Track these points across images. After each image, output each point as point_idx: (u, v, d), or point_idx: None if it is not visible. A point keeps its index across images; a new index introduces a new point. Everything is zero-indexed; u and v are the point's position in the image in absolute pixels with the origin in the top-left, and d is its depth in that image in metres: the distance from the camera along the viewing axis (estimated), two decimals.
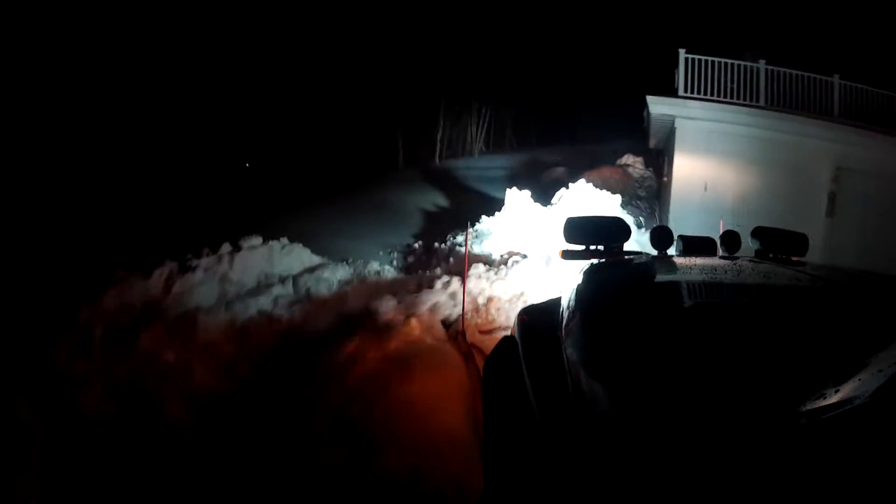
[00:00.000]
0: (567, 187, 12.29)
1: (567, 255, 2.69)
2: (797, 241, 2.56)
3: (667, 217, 12.18)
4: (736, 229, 2.96)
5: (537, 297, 6.31)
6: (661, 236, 2.83)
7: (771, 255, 2.55)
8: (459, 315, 6.61)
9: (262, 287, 6.50)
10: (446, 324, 6.54)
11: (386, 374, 4.94)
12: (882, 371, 1.06)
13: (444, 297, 6.74)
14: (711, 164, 11.96)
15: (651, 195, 17.17)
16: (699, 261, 2.41)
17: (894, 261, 10.27)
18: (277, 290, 6.45)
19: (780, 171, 11.72)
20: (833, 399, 1.00)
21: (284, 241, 7.70)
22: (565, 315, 1.91)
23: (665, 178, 14.26)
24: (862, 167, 11.59)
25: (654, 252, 2.85)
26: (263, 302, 6.10)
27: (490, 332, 6.48)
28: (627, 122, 21.96)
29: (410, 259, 10.43)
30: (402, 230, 12.50)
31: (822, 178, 11.84)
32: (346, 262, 8.52)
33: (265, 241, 7.41)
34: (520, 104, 27.90)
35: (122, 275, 5.98)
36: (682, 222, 11.12)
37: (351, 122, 23.31)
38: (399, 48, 22.99)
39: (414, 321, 5.86)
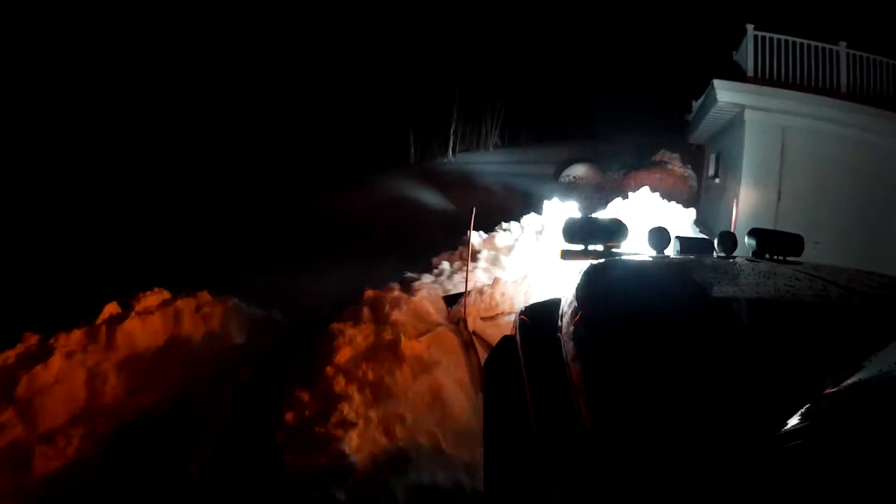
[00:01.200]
0: (626, 196, 10.25)
1: (566, 255, 2.72)
2: (793, 242, 2.69)
3: (732, 229, 10.01)
4: (813, 246, 3.09)
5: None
6: (658, 237, 2.77)
7: (767, 256, 2.67)
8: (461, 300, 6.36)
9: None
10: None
11: None
12: (881, 370, 1.06)
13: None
14: (786, 169, 9.92)
15: (692, 197, 15.28)
16: (697, 261, 2.51)
17: None
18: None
19: (864, 178, 9.69)
20: (832, 398, 1.01)
21: (204, 296, 5.61)
22: (565, 316, 1.89)
23: (717, 180, 12.17)
24: None
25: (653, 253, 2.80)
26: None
27: (493, 318, 6.16)
28: (654, 114, 20.22)
29: None
30: (406, 254, 10.25)
31: None
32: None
33: (175, 295, 5.37)
34: (535, 96, 26.14)
35: None
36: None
37: (360, 115, 21.72)
38: (408, 36, 21.48)
39: None
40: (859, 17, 12.11)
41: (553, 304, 2.14)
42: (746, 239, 2.76)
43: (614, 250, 2.68)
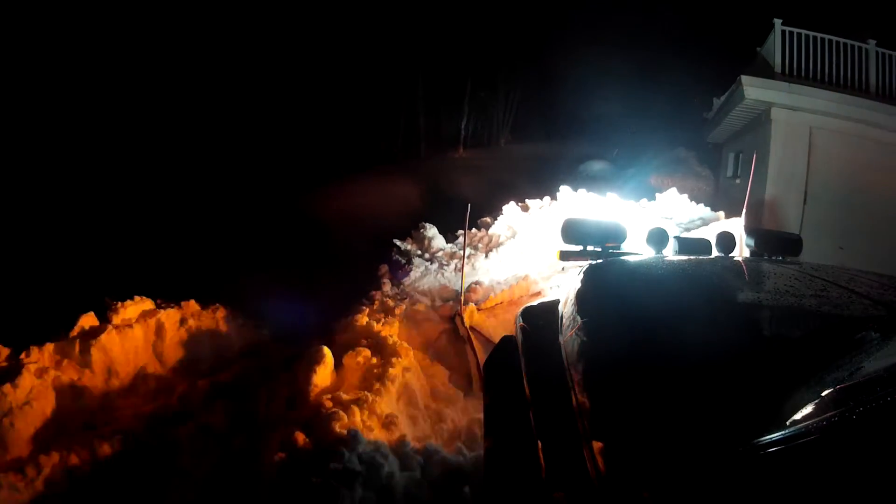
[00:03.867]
0: (653, 198, 10.19)
1: (564, 255, 2.74)
2: (791, 242, 2.75)
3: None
4: (837, 251, 3.52)
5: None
6: (657, 238, 2.78)
7: (765, 256, 2.71)
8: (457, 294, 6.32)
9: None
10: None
11: None
12: (882, 370, 1.04)
13: None
14: (813, 171, 9.66)
15: (709, 196, 14.99)
16: (696, 261, 2.46)
17: None
18: None
19: (894, 182, 9.38)
20: (833, 399, 0.98)
21: (193, 306, 5.36)
22: (564, 316, 1.89)
23: (738, 181, 11.88)
24: None
25: (651, 253, 2.82)
26: None
27: (491, 308, 6.11)
28: (670, 111, 19.78)
29: None
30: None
31: None
32: None
33: (160, 304, 5.14)
34: (548, 90, 25.73)
35: None
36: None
37: (368, 108, 21.15)
38: (420, 28, 20.92)
39: None
40: (888, 14, 11.72)
41: (553, 305, 2.14)
42: (745, 239, 2.85)
43: (613, 251, 2.70)
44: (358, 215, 11.35)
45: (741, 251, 3.20)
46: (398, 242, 7.95)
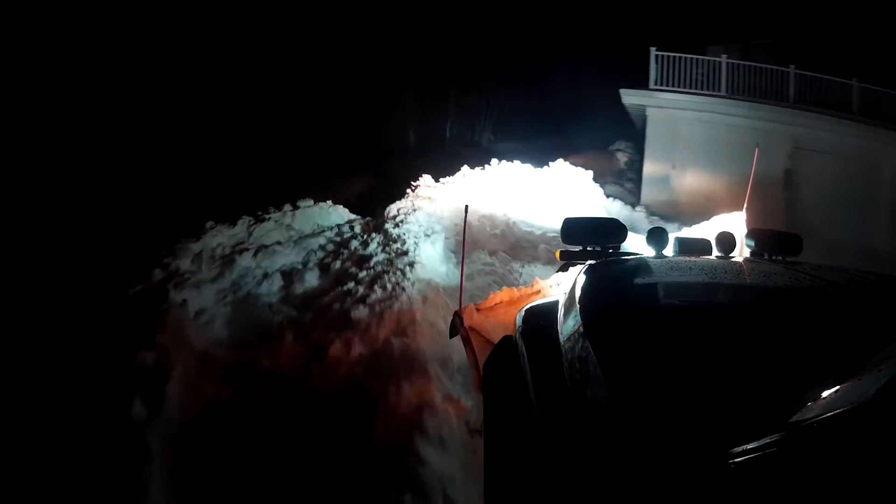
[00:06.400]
0: (548, 165, 13.90)
1: (564, 255, 2.77)
2: (791, 242, 2.63)
3: (639, 195, 14.11)
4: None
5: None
6: (657, 238, 2.80)
7: (765, 256, 2.64)
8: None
9: (315, 233, 8.66)
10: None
11: None
12: (882, 371, 1.04)
13: None
14: (679, 147, 13.70)
15: (638, 177, 18.80)
16: (696, 261, 2.44)
17: (846, 229, 11.98)
18: (327, 234, 8.64)
19: (741, 151, 11.78)
20: (833, 400, 1.01)
21: (329, 203, 9.95)
22: (564, 317, 1.86)
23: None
24: (817, 147, 12.90)
25: (651, 253, 2.82)
26: (319, 241, 8.26)
27: (490, 308, 5.77)
28: (614, 110, 22.60)
29: None
30: None
31: (781, 157, 13.00)
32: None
33: (315, 202, 9.65)
34: (521, 95, 26.90)
35: (212, 225, 8.07)
36: (654, 199, 13.33)
37: (364, 108, 22.47)
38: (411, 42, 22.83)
39: None
40: (737, 36, 15.93)
41: (553, 305, 2.12)
42: (745, 239, 2.76)
43: (613, 251, 2.66)
44: (391, 177, 16.00)
45: (741, 251, 3.18)
46: (413, 183, 12.36)
